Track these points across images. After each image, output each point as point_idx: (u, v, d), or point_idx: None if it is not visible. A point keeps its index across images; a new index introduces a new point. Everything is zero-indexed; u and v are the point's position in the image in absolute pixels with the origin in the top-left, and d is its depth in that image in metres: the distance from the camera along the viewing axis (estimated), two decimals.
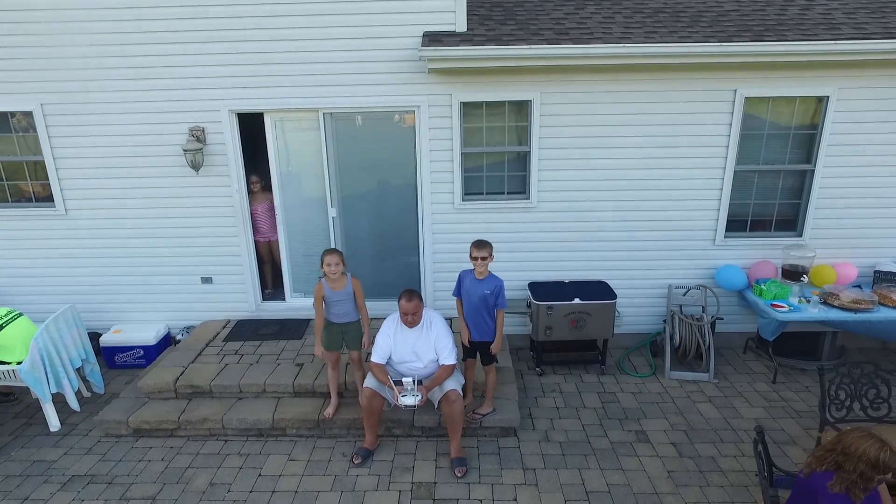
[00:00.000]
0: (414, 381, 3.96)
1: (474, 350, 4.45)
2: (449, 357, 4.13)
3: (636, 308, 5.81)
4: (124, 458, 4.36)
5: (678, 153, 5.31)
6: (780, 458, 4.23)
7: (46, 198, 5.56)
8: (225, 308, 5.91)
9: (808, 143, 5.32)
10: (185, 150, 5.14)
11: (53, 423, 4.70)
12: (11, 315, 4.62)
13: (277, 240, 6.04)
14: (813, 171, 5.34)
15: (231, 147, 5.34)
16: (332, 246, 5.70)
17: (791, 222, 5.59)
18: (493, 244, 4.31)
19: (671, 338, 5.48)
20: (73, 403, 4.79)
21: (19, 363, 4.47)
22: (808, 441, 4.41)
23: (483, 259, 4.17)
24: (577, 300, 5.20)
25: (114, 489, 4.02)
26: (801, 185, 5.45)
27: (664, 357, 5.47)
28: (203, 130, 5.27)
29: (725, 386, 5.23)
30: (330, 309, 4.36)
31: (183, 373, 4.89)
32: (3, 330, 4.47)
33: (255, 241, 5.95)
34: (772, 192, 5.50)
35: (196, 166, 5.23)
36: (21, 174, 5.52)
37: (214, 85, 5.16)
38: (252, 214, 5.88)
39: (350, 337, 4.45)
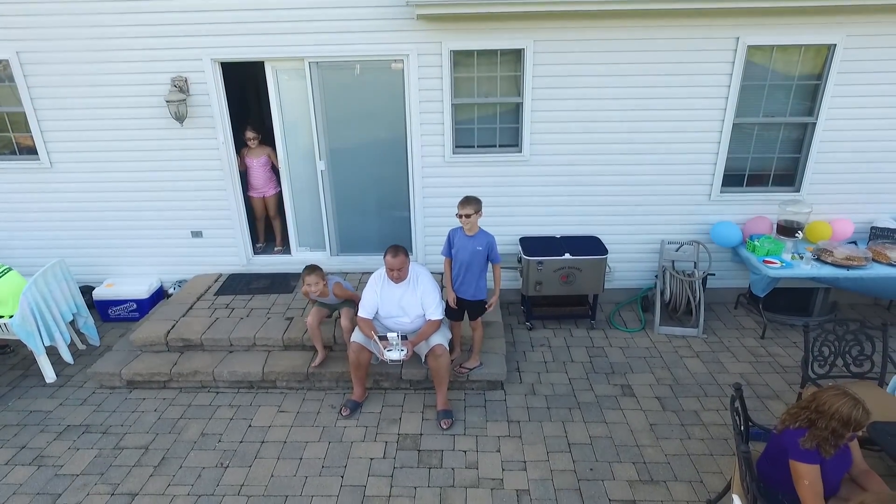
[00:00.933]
0: (399, 335, 3.98)
1: (461, 311, 4.44)
2: (436, 312, 4.13)
3: (629, 263, 5.78)
4: (118, 409, 4.45)
5: (676, 104, 5.14)
6: (762, 412, 4.29)
7: (31, 150, 5.47)
8: (216, 262, 5.91)
9: (811, 94, 5.13)
10: (167, 102, 5.01)
11: (49, 374, 4.77)
12: (0, 269, 4.62)
13: (273, 195, 5.99)
14: (814, 124, 5.18)
15: (215, 98, 5.19)
16: (322, 201, 5.63)
17: (789, 177, 5.47)
18: (484, 198, 4.24)
19: (662, 293, 5.47)
20: (67, 356, 4.86)
21: (11, 317, 4.50)
22: (790, 396, 4.46)
23: (468, 216, 4.10)
24: (567, 255, 5.16)
25: (108, 439, 4.13)
26: (801, 139, 5.31)
27: (654, 312, 5.48)
28: (186, 80, 5.11)
29: (714, 341, 5.26)
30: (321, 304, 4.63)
31: (174, 326, 4.93)
32: None
33: (249, 197, 5.89)
34: (771, 146, 5.36)
35: (180, 118, 5.10)
36: (3, 126, 5.41)
37: (196, 32, 4.96)
38: (248, 169, 5.80)
39: (343, 306, 4.60)
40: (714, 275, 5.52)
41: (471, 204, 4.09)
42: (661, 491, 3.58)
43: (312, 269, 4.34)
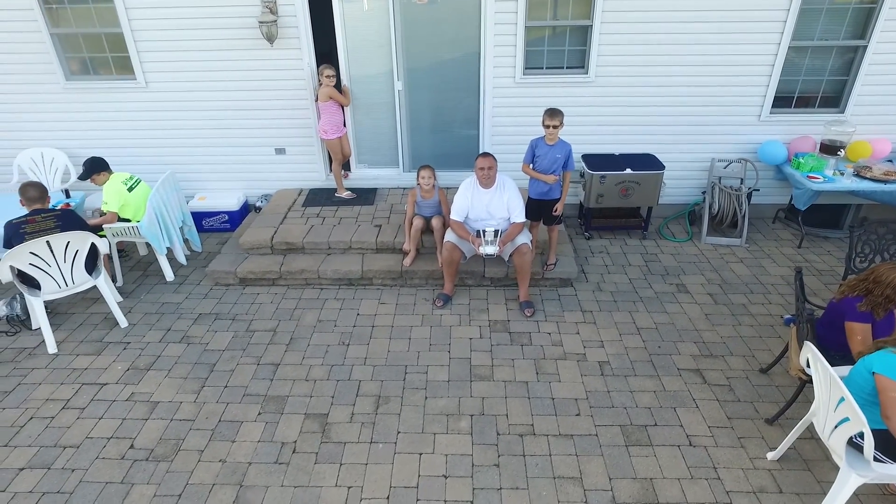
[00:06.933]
0: (493, 231, 4.56)
1: (539, 212, 4.99)
2: (520, 216, 4.69)
3: (678, 180, 6.27)
4: (238, 302, 5.09)
5: (733, 28, 5.45)
6: None
7: (127, 71, 5.84)
8: (297, 178, 6.41)
9: (864, 18, 5.44)
10: (260, 23, 5.34)
11: (168, 274, 5.39)
12: (134, 179, 5.15)
13: (336, 139, 5.88)
14: (865, 47, 5.51)
15: (301, 19, 5.51)
16: (398, 119, 6.05)
17: (835, 99, 5.86)
18: None
19: (710, 207, 6.00)
20: (181, 257, 5.47)
21: (138, 222, 5.06)
22: (826, 293, 5.08)
23: (555, 127, 4.58)
24: (628, 170, 5.65)
25: (239, 323, 4.79)
26: (850, 61, 5.65)
27: (700, 225, 6.03)
28: (275, 2, 5.42)
29: (755, 249, 5.84)
30: (419, 210, 5.18)
31: (276, 231, 5.50)
32: (132, 192, 5.03)
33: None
34: (820, 69, 5.71)
35: (271, 38, 5.45)
36: (101, 48, 5.75)
37: None
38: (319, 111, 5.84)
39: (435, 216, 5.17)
40: (759, 190, 6.03)
41: (557, 116, 4.56)
42: (720, 363, 4.26)
43: (427, 166, 4.99)
